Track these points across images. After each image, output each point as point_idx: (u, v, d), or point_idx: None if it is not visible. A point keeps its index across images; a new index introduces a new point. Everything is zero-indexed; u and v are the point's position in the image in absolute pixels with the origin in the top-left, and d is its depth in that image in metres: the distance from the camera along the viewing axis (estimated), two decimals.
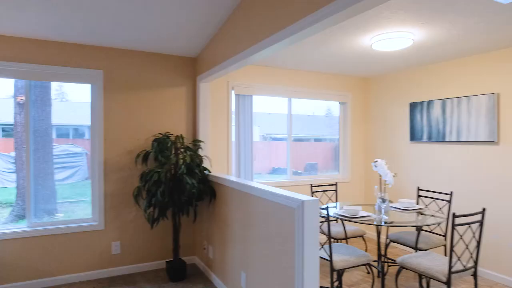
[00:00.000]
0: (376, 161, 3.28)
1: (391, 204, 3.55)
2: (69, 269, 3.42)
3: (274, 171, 8.67)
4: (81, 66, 3.46)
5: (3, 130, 13.40)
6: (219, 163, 4.06)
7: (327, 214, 2.73)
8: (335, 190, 4.14)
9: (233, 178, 3.13)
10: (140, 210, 3.68)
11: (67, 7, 2.72)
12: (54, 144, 6.38)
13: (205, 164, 3.80)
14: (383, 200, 3.20)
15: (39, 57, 3.29)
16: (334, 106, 6.12)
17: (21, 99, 6.02)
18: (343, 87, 5.00)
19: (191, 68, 3.93)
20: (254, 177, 4.36)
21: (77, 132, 13.25)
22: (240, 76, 4.20)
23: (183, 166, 3.34)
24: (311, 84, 4.73)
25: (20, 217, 5.77)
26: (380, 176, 3.29)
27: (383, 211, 3.23)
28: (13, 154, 8.97)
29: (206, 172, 3.53)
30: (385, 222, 2.85)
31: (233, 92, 4.16)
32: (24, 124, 5.88)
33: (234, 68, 3.15)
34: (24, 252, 3.26)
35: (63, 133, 12.63)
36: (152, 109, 3.75)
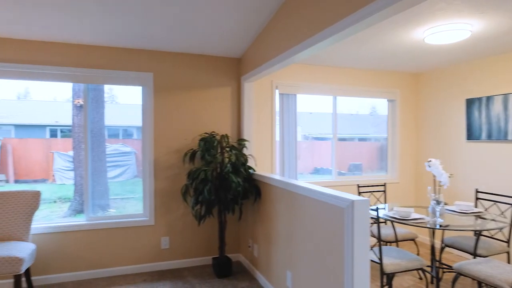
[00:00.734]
0: (430, 160, 3.10)
1: (446, 207, 3.35)
2: (122, 261, 3.61)
3: (316, 171, 8.54)
4: (133, 69, 3.64)
5: (61, 131, 14.47)
6: (263, 162, 4.08)
7: (377, 215, 2.63)
8: (384, 191, 3.98)
9: (278, 177, 3.12)
10: (188, 207, 3.80)
11: (121, 15, 2.87)
12: (106, 144, 6.78)
13: (250, 163, 3.83)
14: (438, 202, 3.02)
15: (95, 62, 3.51)
16: (379, 104, 5.90)
17: (78, 102, 6.47)
18: (391, 83, 4.80)
19: (235, 68, 3.98)
20: (297, 177, 4.32)
21: (126, 132, 13.99)
22: (284, 75, 4.18)
23: (228, 165, 3.40)
24: (357, 82, 4.59)
25: (78, 211, 6.20)
26: (434, 176, 3.11)
27: (437, 213, 3.05)
28: (71, 153, 9.68)
29: (251, 171, 3.56)
30: (440, 226, 2.69)
31: (277, 91, 4.15)
32: (82, 125, 6.31)
33: (278, 68, 3.14)
34: (83, 244, 3.49)
35: (113, 133, 13.40)
36: (198, 109, 3.85)
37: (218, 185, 3.40)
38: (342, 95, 4.50)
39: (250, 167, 3.58)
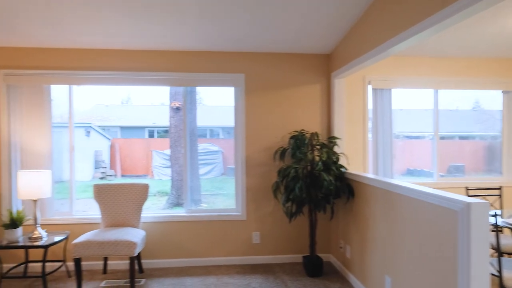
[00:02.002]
0: None
1: None
2: (216, 252, 3.83)
3: (409, 172, 7.91)
4: (226, 71, 3.83)
5: (157, 132, 15.96)
6: (355, 161, 3.92)
7: (495, 222, 2.32)
8: (499, 195, 3.50)
9: (375, 176, 2.97)
10: (278, 204, 3.86)
11: (216, 22, 3.04)
12: (198, 143, 7.27)
13: (341, 161, 3.72)
14: None
15: (191, 66, 3.78)
16: (485, 98, 5.23)
17: (175, 105, 7.07)
18: (507, 72, 4.19)
19: (324, 65, 3.91)
20: (393, 178, 4.06)
21: (212, 132, 14.84)
22: (377, 69, 3.97)
23: (320, 163, 3.35)
24: (462, 72, 4.12)
25: (174, 204, 6.78)
26: None
27: None
28: (167, 151, 10.65)
29: (342, 169, 3.46)
30: None
31: (369, 86, 3.96)
32: (177, 126, 6.87)
33: (372, 62, 2.99)
34: (183, 234, 3.80)
35: (202, 133, 14.33)
36: (288, 107, 3.88)
37: (309, 183, 3.37)
38: (445, 88, 4.09)
39: (341, 166, 3.48)
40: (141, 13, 2.92)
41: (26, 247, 3.12)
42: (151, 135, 15.48)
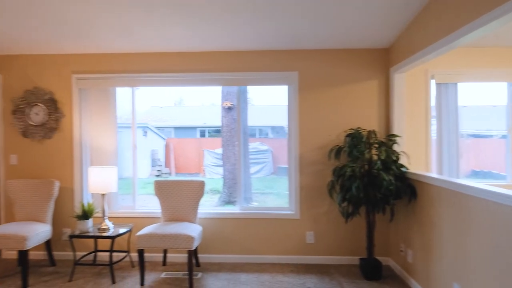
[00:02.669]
0: None
1: None
2: (270, 250, 3.84)
3: (474, 174, 7.31)
4: (279, 70, 3.83)
5: (208, 132, 16.44)
6: (416, 160, 3.70)
7: None
8: None
9: (443, 176, 2.78)
10: (333, 203, 3.77)
11: (269, 20, 3.04)
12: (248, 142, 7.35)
13: (401, 161, 3.53)
14: None
15: (242, 66, 3.83)
16: None
17: (226, 105, 7.22)
18: None
19: (382, 60, 3.75)
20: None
21: (261, 132, 14.95)
22: (442, 62, 3.71)
23: (378, 162, 3.21)
24: None
25: (226, 202, 6.92)
26: None
27: None
28: (217, 151, 10.94)
29: (403, 169, 3.28)
30: None
31: (432, 81, 3.72)
32: (229, 125, 7.00)
33: (436, 55, 2.80)
34: (237, 230, 3.86)
35: (251, 133, 14.49)
36: (343, 105, 3.78)
37: (367, 183, 3.25)
38: None
39: (402, 165, 3.30)
40: (197, 16, 3.02)
41: (95, 237, 3.38)
42: (202, 134, 16.00)
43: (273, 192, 8.74)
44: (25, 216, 3.69)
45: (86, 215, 3.52)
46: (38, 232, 3.43)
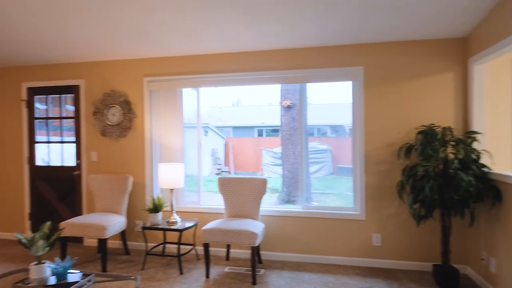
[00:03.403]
0: None
1: None
2: (333, 251, 3.73)
3: None
4: (342, 66, 3.70)
5: (265, 131, 16.58)
6: (501, 160, 3.32)
7: None
8: None
9: None
10: (402, 205, 3.55)
11: (334, 14, 2.94)
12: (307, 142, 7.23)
13: (483, 160, 3.20)
14: None
15: (303, 63, 3.76)
16: None
17: (286, 103, 7.20)
18: None
19: (459, 50, 3.43)
20: None
21: (320, 131, 14.67)
22: None
23: (455, 161, 2.95)
24: None
25: (285, 201, 6.90)
26: None
27: None
28: (276, 150, 10.99)
29: (485, 169, 2.97)
30: None
31: None
32: (288, 124, 6.97)
33: None
34: (299, 229, 3.82)
35: (309, 132, 14.30)
36: (413, 100, 3.54)
37: (442, 184, 3.00)
38: None
39: (484, 165, 2.99)
40: (259, 15, 3.03)
41: (165, 229, 3.58)
42: (260, 134, 16.18)
43: (333, 193, 8.51)
44: (103, 208, 4.04)
45: (156, 208, 3.74)
46: (115, 222, 3.73)
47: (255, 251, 3.25)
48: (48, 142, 4.63)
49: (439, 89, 3.48)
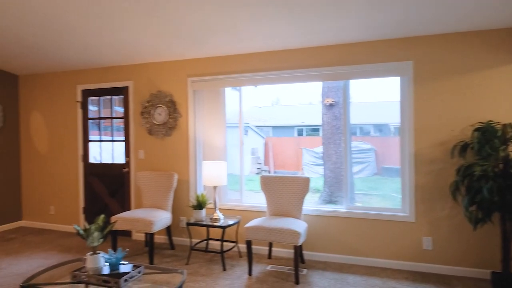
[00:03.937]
0: None
1: None
2: (379, 253, 3.59)
3: None
4: (389, 61, 3.54)
5: (306, 130, 16.39)
6: None
7: None
8: None
9: None
10: (456, 207, 3.32)
11: (380, 7, 2.81)
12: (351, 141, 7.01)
13: None
14: None
15: (346, 59, 3.64)
16: None
17: (328, 102, 7.05)
18: None
19: None
20: None
21: (363, 130, 14.21)
22: None
23: None
24: None
25: (327, 201, 6.76)
26: None
27: None
28: (316, 149, 10.82)
29: None
30: None
31: None
32: (330, 123, 6.82)
33: None
34: (343, 230, 3.71)
35: (352, 131, 13.95)
36: (468, 95, 3.30)
37: (503, 185, 2.76)
38: None
39: None
40: (302, 11, 2.98)
41: (208, 226, 3.64)
42: (299, 133, 16.02)
43: (377, 194, 8.20)
44: (150, 204, 4.20)
45: (200, 205, 3.82)
46: (162, 218, 3.86)
47: (298, 250, 3.21)
48: (100, 141, 4.91)
49: (498, 83, 3.21)
